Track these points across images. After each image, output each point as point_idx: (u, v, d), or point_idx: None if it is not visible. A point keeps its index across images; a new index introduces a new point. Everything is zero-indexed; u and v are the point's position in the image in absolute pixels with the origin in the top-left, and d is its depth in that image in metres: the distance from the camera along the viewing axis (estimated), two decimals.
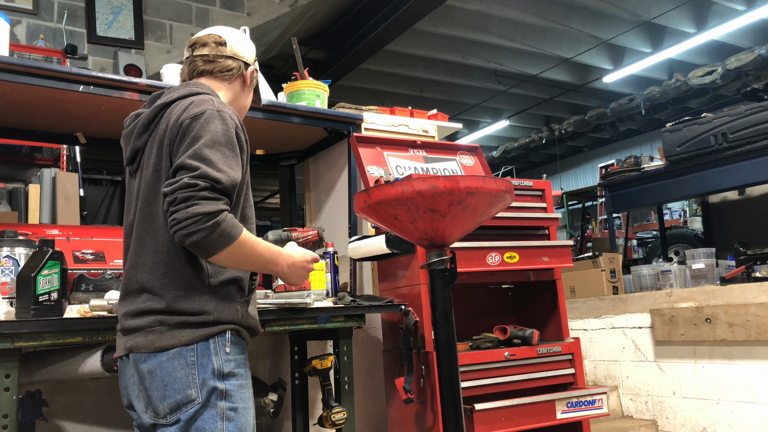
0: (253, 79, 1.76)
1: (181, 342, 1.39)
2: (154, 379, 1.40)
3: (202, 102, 1.49)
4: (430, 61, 9.09)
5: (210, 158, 1.38)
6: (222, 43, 1.66)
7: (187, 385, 1.38)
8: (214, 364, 1.41)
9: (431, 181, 1.43)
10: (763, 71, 8.88)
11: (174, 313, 1.41)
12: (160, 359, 1.39)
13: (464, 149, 3.00)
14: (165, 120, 1.50)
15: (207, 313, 1.43)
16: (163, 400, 1.39)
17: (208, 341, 1.41)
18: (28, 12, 5.03)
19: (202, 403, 1.38)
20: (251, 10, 6.17)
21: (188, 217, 1.32)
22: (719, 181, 4.41)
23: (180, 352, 1.39)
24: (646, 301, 3.78)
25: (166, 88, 1.62)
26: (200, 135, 1.42)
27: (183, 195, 1.33)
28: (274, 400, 2.65)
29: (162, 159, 1.48)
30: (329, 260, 2.73)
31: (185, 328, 1.41)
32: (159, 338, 1.40)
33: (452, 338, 1.58)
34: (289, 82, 3.01)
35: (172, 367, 1.39)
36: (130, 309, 1.46)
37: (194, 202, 1.33)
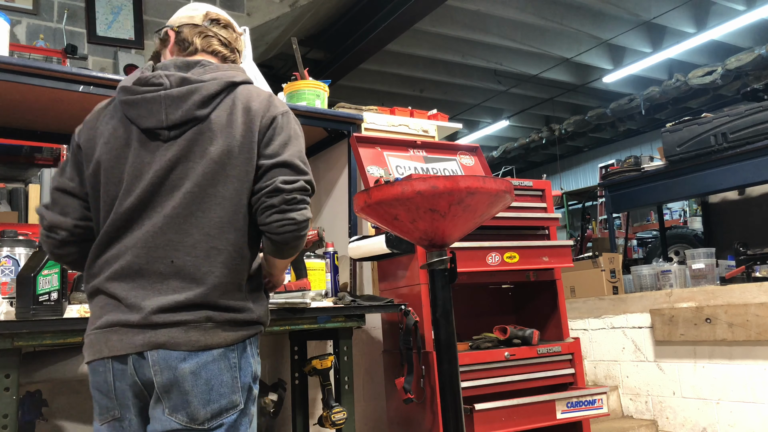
0: None
1: (226, 341, 1.31)
2: (198, 382, 1.28)
3: (274, 97, 1.51)
4: (430, 61, 9.09)
5: (308, 166, 1.44)
6: (236, 30, 1.62)
7: (233, 389, 1.31)
8: (252, 366, 1.37)
9: (431, 181, 1.43)
10: (763, 71, 8.89)
11: (221, 309, 1.32)
12: (205, 359, 1.29)
13: (464, 149, 3.00)
14: (240, 101, 1.42)
15: (250, 311, 1.37)
16: (207, 404, 1.28)
17: (245, 342, 1.36)
18: (28, 12, 5.03)
19: (242, 408, 1.33)
20: (251, 10, 6.17)
21: (304, 220, 1.37)
22: (719, 181, 4.41)
23: (224, 353, 1.31)
24: (646, 301, 3.78)
25: (194, 63, 1.47)
26: (297, 135, 1.47)
27: (301, 197, 1.38)
28: (274, 400, 2.65)
29: (235, 139, 1.38)
30: (329, 260, 2.73)
31: (231, 327, 1.33)
32: (204, 336, 1.29)
33: (452, 338, 1.58)
34: (289, 82, 3.01)
35: (219, 369, 1.30)
36: (163, 300, 1.30)
37: (305, 206, 1.39)
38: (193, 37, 1.53)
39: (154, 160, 1.37)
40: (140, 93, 1.39)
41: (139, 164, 1.37)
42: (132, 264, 1.33)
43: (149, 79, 1.40)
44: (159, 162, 1.36)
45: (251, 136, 1.39)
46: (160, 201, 1.35)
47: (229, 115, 1.40)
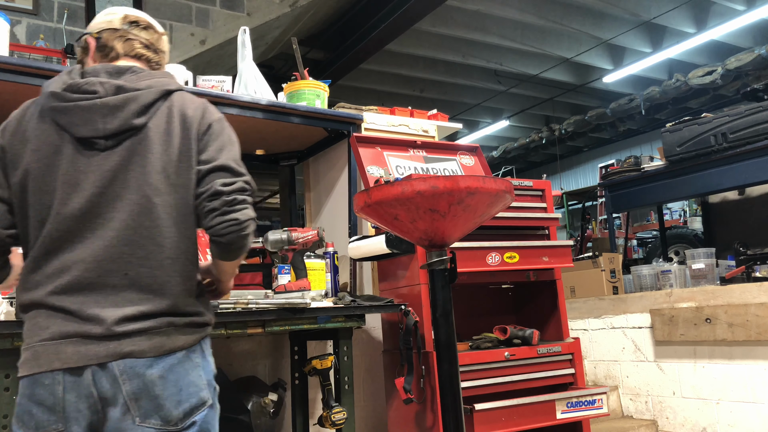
0: None
1: (188, 343, 1.36)
2: (167, 384, 1.31)
3: (208, 104, 1.51)
4: (430, 61, 9.09)
5: (243, 168, 1.44)
6: (161, 34, 1.60)
7: (200, 387, 1.36)
8: (211, 364, 1.43)
9: (431, 181, 1.43)
10: (763, 71, 8.89)
11: (180, 314, 1.37)
12: (170, 362, 1.32)
13: (464, 149, 3.00)
14: (176, 109, 1.43)
15: (203, 314, 1.42)
16: (179, 405, 1.32)
17: (200, 343, 1.40)
18: (28, 12, 5.03)
19: (211, 403, 1.38)
20: (251, 10, 6.17)
21: (247, 219, 1.38)
22: (719, 181, 4.41)
23: (187, 355, 1.36)
24: (646, 301, 3.78)
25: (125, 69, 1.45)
26: (232, 141, 1.48)
27: (241, 197, 1.38)
28: (274, 400, 2.65)
29: (173, 146, 1.39)
30: (329, 260, 2.73)
31: (190, 330, 1.38)
32: (167, 341, 1.33)
33: (452, 338, 1.58)
34: (289, 82, 3.01)
35: (185, 370, 1.34)
36: (126, 311, 1.31)
37: (247, 206, 1.39)
38: (114, 42, 1.50)
39: (90, 170, 1.34)
40: (73, 100, 1.36)
41: (73, 173, 1.34)
42: (81, 279, 1.31)
43: (81, 86, 1.37)
44: (98, 172, 1.34)
45: (189, 143, 1.41)
46: (104, 212, 1.34)
47: (166, 123, 1.40)
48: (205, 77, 2.73)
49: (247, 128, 2.90)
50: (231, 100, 2.62)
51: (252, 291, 2.69)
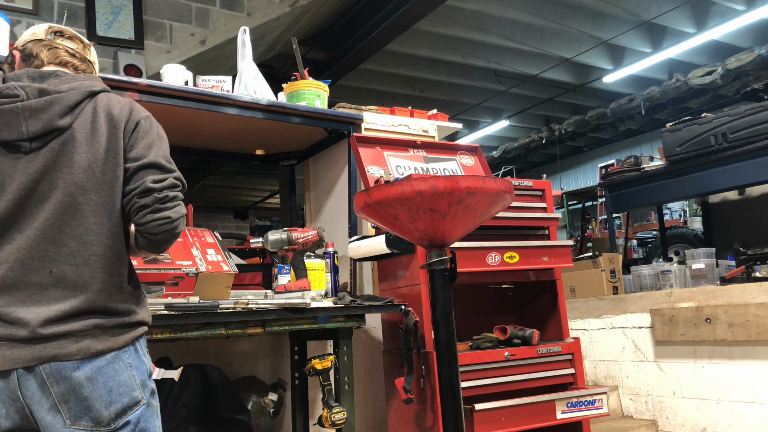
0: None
1: (118, 344, 1.37)
2: (96, 386, 1.32)
3: (135, 103, 1.52)
4: (430, 61, 9.08)
5: (173, 164, 1.46)
6: (88, 46, 1.63)
7: (132, 387, 1.38)
8: (146, 364, 1.44)
9: (431, 181, 1.44)
10: (763, 71, 8.88)
11: (109, 313, 1.37)
12: (99, 364, 1.33)
13: (464, 149, 3.00)
14: (101, 109, 1.43)
15: (134, 314, 1.42)
16: (110, 405, 1.33)
17: (134, 343, 1.41)
18: (28, 12, 5.03)
19: (146, 403, 1.41)
20: (251, 10, 6.17)
21: (179, 217, 1.41)
22: (719, 181, 4.41)
23: (118, 356, 1.36)
24: (646, 301, 3.78)
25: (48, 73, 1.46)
26: (161, 138, 1.49)
27: (173, 194, 1.41)
28: (274, 400, 2.65)
29: (101, 145, 1.40)
30: (329, 260, 2.73)
31: (119, 331, 1.38)
32: (94, 343, 1.33)
33: (452, 338, 1.58)
34: (289, 82, 3.01)
35: (114, 371, 1.35)
36: (48, 312, 1.30)
37: (179, 203, 1.42)
38: (39, 51, 1.51)
39: (15, 172, 1.35)
40: None
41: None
42: (6, 278, 1.31)
43: (2, 91, 1.37)
44: (23, 174, 1.35)
45: (116, 142, 1.42)
46: (30, 213, 1.34)
47: (92, 123, 1.41)
48: (205, 77, 2.73)
49: (247, 128, 2.90)
50: (231, 100, 2.62)
51: (252, 291, 2.70)
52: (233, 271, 2.35)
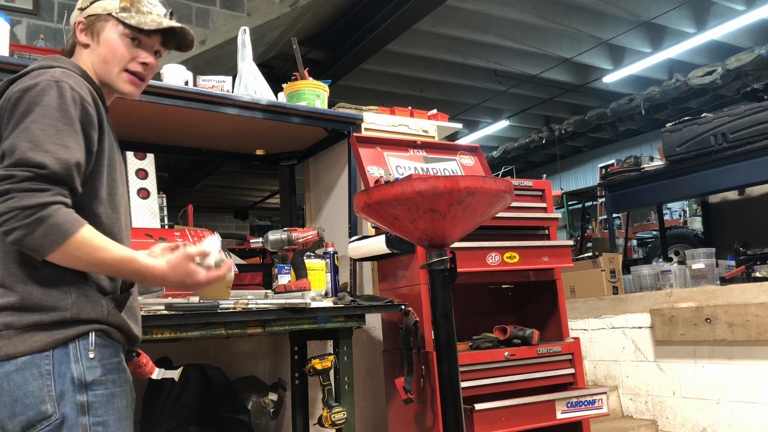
0: (87, 29, 1.41)
1: (33, 348, 1.18)
2: (1, 394, 1.17)
3: (40, 74, 1.27)
4: (430, 61, 9.08)
5: (37, 137, 1.17)
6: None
7: (41, 399, 1.17)
8: (74, 372, 1.20)
9: (431, 181, 1.44)
10: (763, 71, 8.88)
11: (24, 311, 1.19)
12: (7, 369, 1.17)
13: (464, 149, 3.00)
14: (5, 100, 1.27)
15: (63, 310, 1.21)
16: (13, 417, 1.17)
17: (67, 345, 1.20)
18: (28, 12, 5.03)
19: (60, 420, 1.18)
20: (251, 10, 6.17)
21: (3, 213, 1.12)
22: (719, 181, 4.41)
23: (32, 361, 1.17)
24: (646, 301, 3.78)
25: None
26: (29, 110, 1.21)
27: (1, 189, 1.14)
28: (274, 400, 2.65)
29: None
30: (329, 260, 2.73)
31: (38, 331, 1.19)
32: (6, 344, 1.18)
33: (452, 338, 1.58)
34: (289, 82, 3.01)
35: (23, 379, 1.17)
36: None
37: (12, 196, 1.13)
38: None
39: None
40: None
41: None
42: None
43: None
44: None
45: None
46: None
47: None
48: (205, 77, 2.73)
49: (247, 128, 2.90)
50: (231, 100, 2.62)
51: (252, 291, 2.70)
52: (233, 271, 2.35)
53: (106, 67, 1.41)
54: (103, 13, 1.40)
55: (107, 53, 1.41)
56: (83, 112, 1.26)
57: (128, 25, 1.40)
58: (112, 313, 1.28)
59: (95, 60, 1.41)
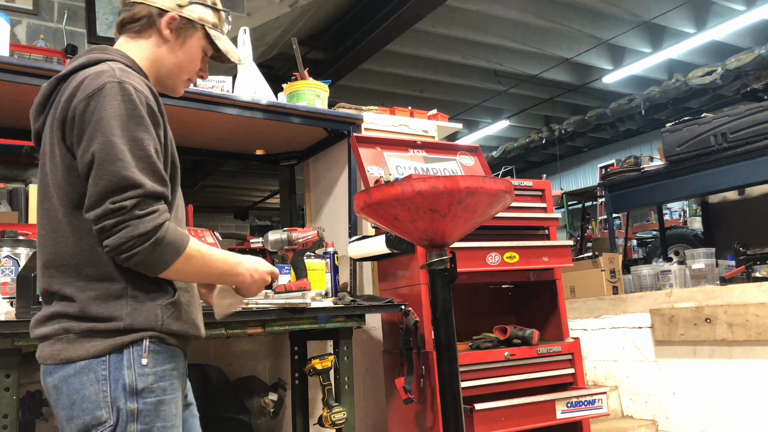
0: (177, 30, 1.39)
1: (90, 353, 1.20)
2: (60, 396, 1.21)
3: (99, 74, 1.23)
4: (430, 61, 9.08)
5: (123, 153, 1.17)
6: None
7: (97, 404, 1.19)
8: (126, 379, 1.21)
9: (431, 181, 1.44)
10: (763, 71, 8.88)
11: (83, 318, 1.21)
12: (67, 372, 1.20)
13: (464, 149, 3.00)
14: (59, 99, 1.25)
15: (118, 319, 1.22)
16: (71, 420, 1.20)
17: (122, 352, 1.21)
18: (28, 12, 5.03)
19: (112, 426, 1.19)
20: (251, 10, 6.17)
21: (121, 243, 1.16)
22: (719, 181, 4.41)
23: (89, 365, 1.20)
24: (646, 301, 3.78)
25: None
26: (102, 121, 1.18)
27: (111, 222, 1.16)
28: (274, 400, 2.66)
29: (54, 146, 1.24)
30: (329, 260, 2.73)
31: (95, 337, 1.21)
32: (66, 348, 1.20)
33: (452, 338, 1.58)
34: (289, 82, 3.01)
35: (81, 383, 1.19)
36: (39, 315, 1.26)
37: (127, 224, 1.16)
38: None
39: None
40: None
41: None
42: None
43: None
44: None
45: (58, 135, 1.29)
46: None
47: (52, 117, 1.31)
48: None
49: (247, 128, 2.90)
50: (231, 100, 2.62)
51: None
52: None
53: (177, 71, 1.42)
54: (198, 21, 1.40)
55: (185, 60, 1.41)
56: (150, 112, 1.25)
57: (215, 46, 1.44)
58: (166, 320, 1.28)
59: (168, 58, 1.39)
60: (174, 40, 1.39)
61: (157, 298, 1.27)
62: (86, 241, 1.23)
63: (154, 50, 1.38)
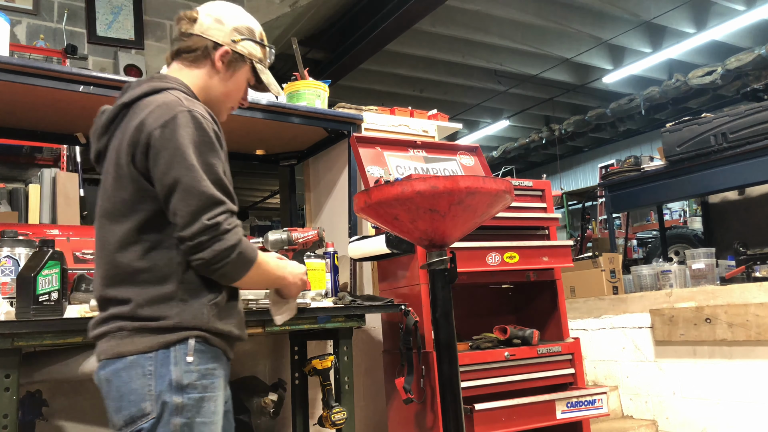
0: (229, 62, 1.51)
1: (139, 349, 1.29)
2: (111, 389, 1.31)
3: (168, 104, 1.35)
4: (430, 61, 9.08)
5: (202, 177, 1.31)
6: (194, 19, 1.50)
7: (143, 397, 1.28)
8: (172, 374, 1.29)
9: (431, 181, 1.44)
10: (763, 71, 8.88)
11: (135, 318, 1.32)
12: (117, 367, 1.30)
13: (464, 149, 3.00)
14: (126, 123, 1.37)
15: (166, 318, 1.31)
16: (119, 412, 1.30)
17: (168, 349, 1.30)
18: (28, 12, 5.03)
19: (156, 418, 1.28)
20: (251, 10, 6.15)
21: (214, 256, 1.29)
22: (719, 181, 4.41)
23: (137, 361, 1.29)
24: (646, 301, 3.78)
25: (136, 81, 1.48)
26: (180, 148, 1.30)
27: (205, 239, 1.29)
28: (274, 400, 2.65)
29: (122, 167, 1.35)
30: (329, 260, 2.73)
31: (145, 334, 1.30)
32: (118, 344, 1.31)
33: (452, 338, 1.58)
34: (289, 82, 3.01)
35: (129, 377, 1.29)
36: (97, 317, 1.38)
37: (219, 239, 1.30)
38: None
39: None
40: None
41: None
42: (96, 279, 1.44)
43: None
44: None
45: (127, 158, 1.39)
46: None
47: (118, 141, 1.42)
48: None
49: (247, 128, 2.90)
50: None
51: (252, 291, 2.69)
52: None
53: (224, 99, 1.55)
54: (247, 56, 1.54)
55: (233, 90, 1.55)
56: (216, 137, 1.38)
57: (259, 79, 1.58)
58: (213, 321, 1.36)
59: (217, 87, 1.52)
60: (224, 71, 1.52)
61: (203, 298, 1.36)
62: (146, 252, 1.34)
63: (206, 79, 1.51)
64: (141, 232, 1.34)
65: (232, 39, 1.52)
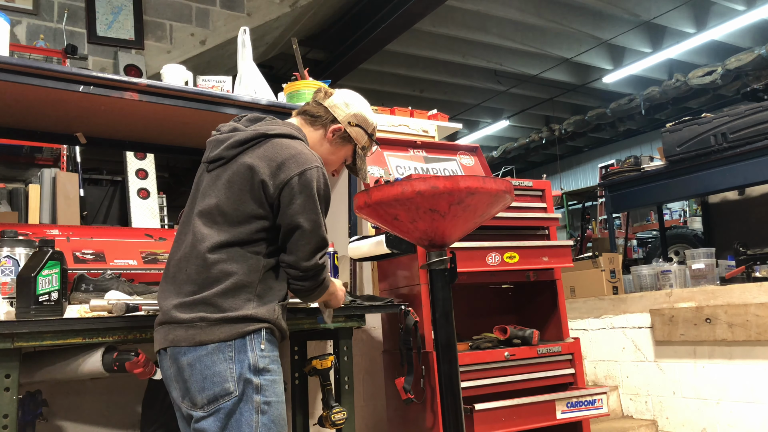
0: (338, 138, 1.82)
1: (220, 338, 1.50)
2: (194, 372, 1.50)
3: (306, 156, 1.62)
4: (430, 61, 9.09)
5: (319, 221, 1.61)
6: (329, 95, 1.84)
7: (225, 378, 1.48)
8: (250, 359, 1.51)
9: (431, 181, 1.44)
10: (763, 71, 8.89)
11: (216, 310, 1.51)
12: (200, 353, 1.49)
13: (464, 149, 3.00)
14: (261, 149, 1.62)
15: (245, 312, 1.53)
16: (203, 391, 1.49)
17: (245, 338, 1.51)
18: (28, 12, 5.03)
19: (238, 396, 1.49)
20: (251, 10, 6.17)
21: (316, 287, 1.66)
22: (719, 181, 4.41)
23: (219, 348, 1.49)
24: (646, 301, 3.78)
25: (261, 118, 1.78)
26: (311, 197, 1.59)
27: (312, 273, 1.62)
28: None
29: (253, 186, 1.59)
30: (329, 260, 2.73)
31: (224, 324, 1.51)
32: (199, 333, 1.50)
33: (452, 338, 1.58)
34: (289, 82, 3.00)
35: (212, 361, 1.49)
36: (178, 301, 1.54)
37: (320, 274, 1.65)
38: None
39: (197, 188, 1.70)
40: (211, 136, 1.77)
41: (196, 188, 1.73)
42: (167, 274, 1.64)
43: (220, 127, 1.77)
44: (195, 190, 1.71)
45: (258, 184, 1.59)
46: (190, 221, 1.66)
47: (248, 164, 1.61)
48: (205, 77, 2.73)
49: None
50: (231, 100, 2.62)
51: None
52: None
53: (324, 164, 1.76)
54: (354, 139, 1.84)
55: (333, 160, 1.85)
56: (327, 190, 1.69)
57: (355, 161, 1.89)
58: (280, 318, 1.62)
59: (321, 152, 1.79)
60: (331, 143, 1.83)
61: (274, 299, 1.61)
62: (238, 256, 1.56)
63: (318, 143, 1.81)
64: (240, 239, 1.57)
65: (348, 121, 1.82)
